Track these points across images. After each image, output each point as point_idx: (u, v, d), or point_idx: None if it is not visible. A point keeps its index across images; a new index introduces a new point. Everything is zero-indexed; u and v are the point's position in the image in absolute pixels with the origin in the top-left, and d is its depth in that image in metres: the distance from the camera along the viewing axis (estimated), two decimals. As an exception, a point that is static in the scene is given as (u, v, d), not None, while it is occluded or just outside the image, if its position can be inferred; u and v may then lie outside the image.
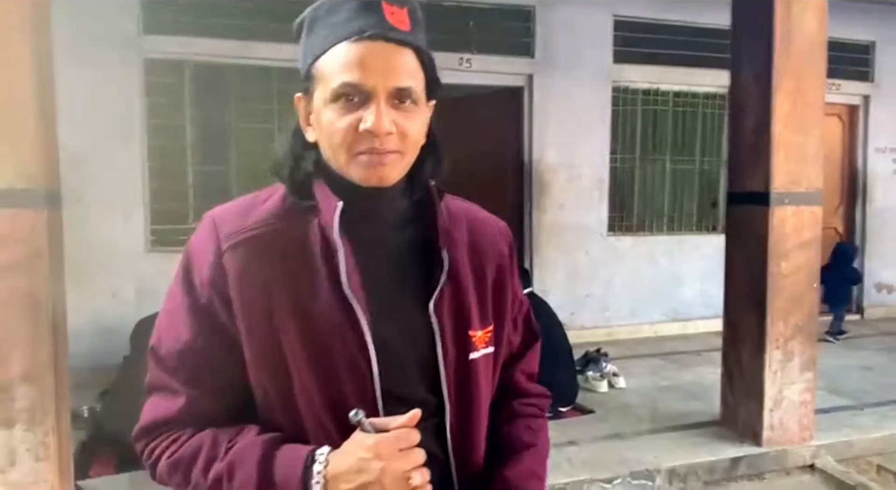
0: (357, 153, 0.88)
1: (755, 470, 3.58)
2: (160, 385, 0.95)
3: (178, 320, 0.93)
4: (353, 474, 0.82)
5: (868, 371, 5.06)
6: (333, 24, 0.87)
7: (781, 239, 3.58)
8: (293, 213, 0.93)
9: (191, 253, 0.94)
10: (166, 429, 0.93)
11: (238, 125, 5.09)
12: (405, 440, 0.83)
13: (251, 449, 0.87)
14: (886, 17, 6.60)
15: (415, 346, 0.94)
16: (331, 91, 0.86)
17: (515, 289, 1.09)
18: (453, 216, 1.01)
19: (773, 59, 3.49)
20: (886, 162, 7.02)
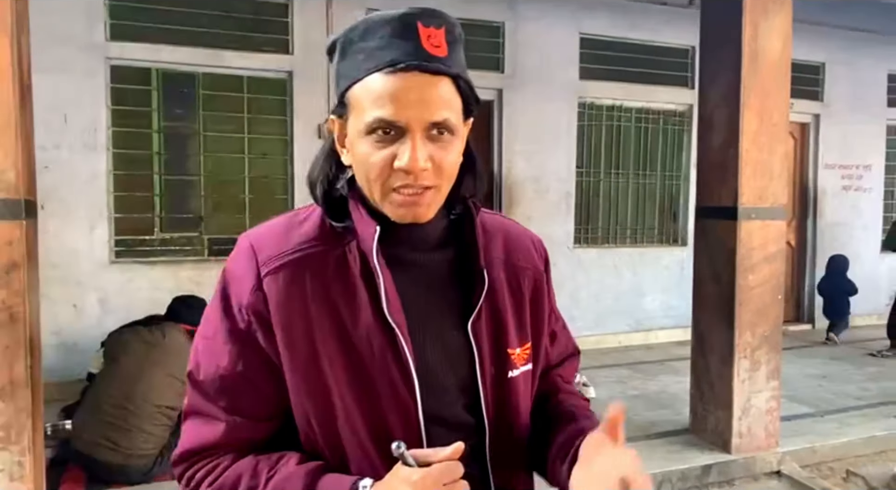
0: (392, 189, 0.85)
1: (725, 477, 3.68)
2: (199, 410, 0.93)
3: (218, 346, 0.91)
4: None
5: (824, 379, 5.27)
6: (368, 50, 0.84)
7: (748, 252, 3.71)
8: (331, 236, 0.91)
9: (228, 278, 0.92)
10: (208, 455, 0.91)
11: (208, 134, 5.01)
12: (449, 474, 0.81)
13: (293, 479, 0.86)
14: (835, 40, 6.94)
15: (454, 367, 0.93)
16: (364, 124, 0.84)
17: (552, 304, 1.09)
18: (489, 232, 1.00)
19: (741, 78, 3.63)
20: (835, 178, 7.35)
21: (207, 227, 5.09)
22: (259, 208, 5.20)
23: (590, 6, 6.01)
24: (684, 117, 6.56)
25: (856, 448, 4.00)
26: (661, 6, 6.20)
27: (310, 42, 5.10)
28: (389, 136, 0.83)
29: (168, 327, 3.48)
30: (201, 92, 4.95)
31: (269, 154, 5.23)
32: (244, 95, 5.06)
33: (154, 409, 3.22)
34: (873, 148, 7.49)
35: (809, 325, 7.30)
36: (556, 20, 5.89)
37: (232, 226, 5.14)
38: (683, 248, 6.53)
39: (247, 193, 5.15)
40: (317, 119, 5.15)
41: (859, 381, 5.24)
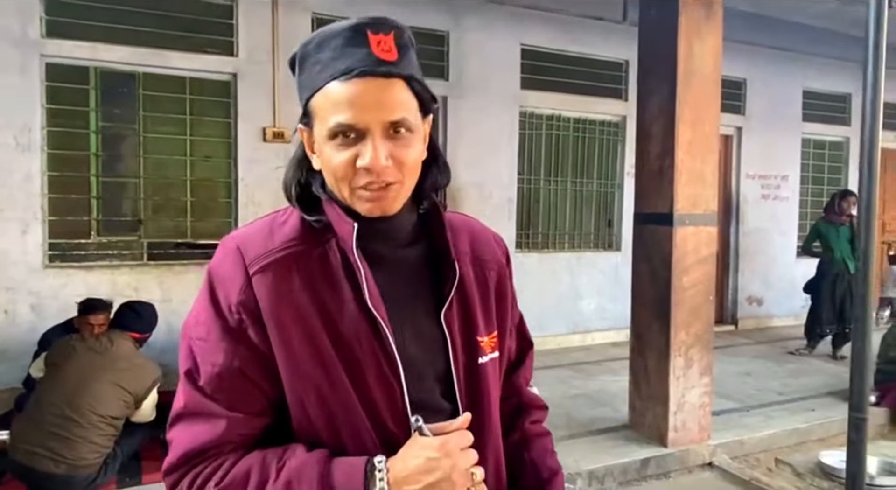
0: (358, 187, 0.92)
1: (662, 469, 3.88)
2: (196, 410, 0.94)
3: (212, 345, 0.93)
4: (421, 475, 0.86)
5: (748, 376, 5.60)
6: (324, 60, 0.89)
7: (683, 256, 3.92)
8: (311, 235, 0.97)
9: (215, 279, 0.95)
10: (210, 455, 0.92)
11: (148, 135, 4.89)
12: (464, 441, 0.90)
13: (307, 466, 0.88)
14: (756, 57, 7.38)
15: (430, 355, 0.99)
16: (327, 130, 0.89)
17: (513, 294, 1.16)
18: (455, 228, 1.07)
19: (677, 92, 3.85)
20: (756, 187, 7.81)
21: (147, 231, 4.97)
22: (201, 211, 5.12)
23: (531, 19, 6.20)
24: (619, 128, 6.84)
25: (780, 439, 4.28)
26: (598, 21, 6.46)
27: (255, 44, 5.07)
28: (350, 139, 0.89)
29: (115, 335, 3.40)
30: (141, 92, 4.84)
31: (213, 157, 5.16)
32: (186, 97, 4.98)
33: (98, 419, 3.13)
34: (790, 159, 8.00)
35: (733, 326, 7.73)
36: (499, 31, 6.05)
37: (173, 229, 5.04)
38: (618, 253, 6.80)
39: (189, 196, 5.06)
40: (262, 122, 5.12)
41: (781, 377, 5.59)
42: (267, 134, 5.12)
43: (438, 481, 0.86)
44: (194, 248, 5.15)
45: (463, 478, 0.88)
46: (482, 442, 1.04)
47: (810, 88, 7.95)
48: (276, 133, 5.13)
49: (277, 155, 5.16)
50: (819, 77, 7.81)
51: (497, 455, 1.09)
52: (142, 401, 3.28)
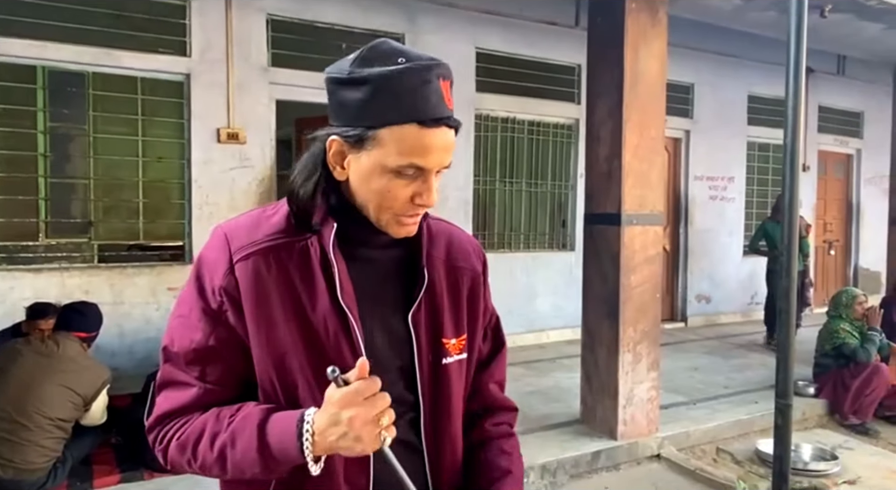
0: (402, 215, 1.02)
1: (612, 462, 4.00)
2: (172, 380, 1.04)
3: (191, 323, 1.03)
4: (332, 426, 0.91)
5: (695, 371, 5.79)
6: (401, 96, 0.94)
7: (631, 255, 4.06)
8: (296, 229, 1.04)
9: (202, 263, 1.05)
10: (178, 415, 1.02)
11: (98, 136, 4.82)
12: (368, 389, 0.91)
13: (250, 418, 0.97)
14: (703, 63, 7.64)
15: (396, 351, 1.07)
16: (396, 165, 0.96)
17: (487, 301, 1.23)
18: (433, 235, 1.14)
19: (624, 96, 3.98)
20: (703, 189, 8.06)
21: (97, 233, 4.90)
22: (154, 213, 5.06)
23: (485, 23, 6.30)
24: (572, 130, 6.99)
25: (724, 431, 4.45)
26: (551, 26, 6.60)
27: (208, 44, 5.04)
28: (411, 175, 0.98)
29: (61, 337, 3.34)
30: (91, 92, 4.77)
31: (165, 158, 5.11)
32: (138, 97, 4.92)
33: (47, 422, 3.09)
34: (736, 161, 8.28)
35: (683, 323, 7.96)
36: (454, 34, 6.13)
37: (124, 231, 4.98)
38: (571, 253, 6.95)
39: (141, 198, 5.00)
40: (216, 123, 5.09)
41: (726, 371, 5.80)
42: (221, 135, 5.09)
43: (346, 432, 0.90)
44: (147, 250, 5.10)
45: (367, 425, 0.90)
46: (441, 438, 1.12)
47: (755, 93, 8.25)
48: (230, 134, 5.11)
49: (232, 156, 5.15)
50: (763, 82, 8.11)
51: (454, 452, 1.16)
52: (91, 403, 3.24)
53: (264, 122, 5.30)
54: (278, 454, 0.94)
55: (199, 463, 0.99)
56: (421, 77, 0.95)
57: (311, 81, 5.48)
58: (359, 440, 0.91)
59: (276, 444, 0.94)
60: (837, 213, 9.57)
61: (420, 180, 0.99)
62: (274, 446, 0.94)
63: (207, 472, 1.00)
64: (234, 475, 0.98)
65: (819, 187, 9.12)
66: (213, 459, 0.97)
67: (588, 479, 3.86)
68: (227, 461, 0.97)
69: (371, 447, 0.92)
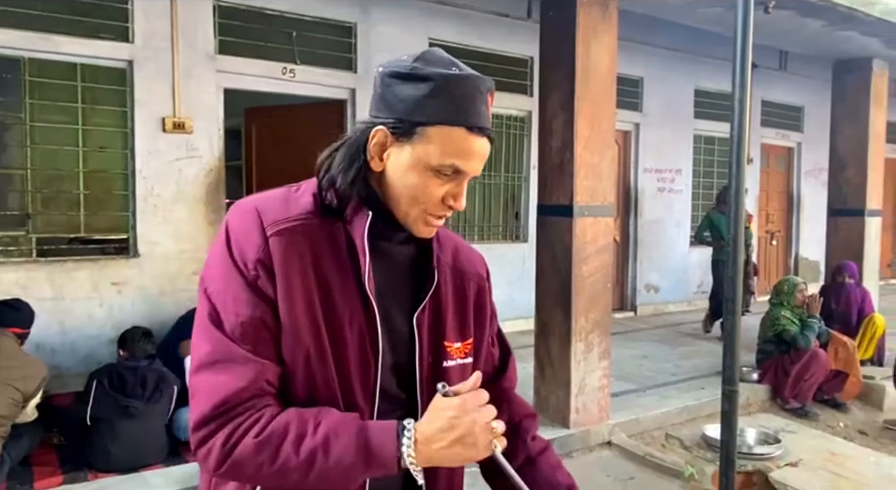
0: (430, 214, 1.04)
1: (565, 449, 4.06)
2: (226, 357, 0.96)
3: (233, 297, 0.98)
4: (445, 432, 0.93)
5: (645, 359, 5.92)
6: (457, 100, 0.99)
7: (582, 246, 4.11)
8: (323, 212, 1.05)
9: (233, 236, 1.01)
10: (247, 405, 0.95)
11: (36, 124, 4.62)
12: (481, 397, 0.97)
13: (345, 425, 0.95)
14: (652, 58, 7.77)
15: (397, 350, 1.07)
16: (438, 164, 1.00)
17: (493, 308, 1.25)
18: (442, 241, 1.16)
19: (575, 89, 4.02)
20: (652, 181, 8.23)
21: (35, 226, 4.70)
22: (96, 205, 4.89)
23: (439, 13, 6.27)
24: (525, 122, 7.03)
25: (672, 417, 4.57)
26: (504, 18, 6.61)
27: (152, 31, 4.87)
28: (448, 176, 1.02)
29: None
30: (28, 78, 4.56)
31: (108, 147, 4.93)
32: (78, 84, 4.72)
33: (-15, 421, 2.98)
34: (683, 154, 8.48)
35: (632, 313, 8.13)
36: (407, 25, 6.08)
37: (64, 224, 4.79)
38: (524, 244, 7.01)
39: (82, 189, 4.82)
40: (161, 112, 4.93)
41: (674, 359, 5.94)
42: (167, 124, 4.94)
43: (462, 436, 0.94)
44: (88, 243, 4.92)
45: (484, 431, 0.95)
46: None
47: (702, 87, 8.45)
48: (176, 123, 4.96)
49: (178, 145, 5.00)
50: (709, 76, 8.31)
51: None
52: (30, 400, 3.14)
53: (212, 112, 5.16)
54: (377, 463, 0.94)
55: (278, 466, 0.93)
56: (476, 87, 1.01)
57: (261, 70, 5.36)
58: (474, 446, 0.94)
59: (377, 452, 0.93)
60: (779, 204, 9.90)
61: (455, 183, 1.03)
62: (375, 455, 0.93)
63: (281, 476, 0.94)
64: (314, 483, 0.94)
65: (762, 179, 9.42)
66: (298, 463, 0.93)
67: (541, 468, 3.91)
68: (315, 467, 0.93)
69: (483, 453, 0.96)
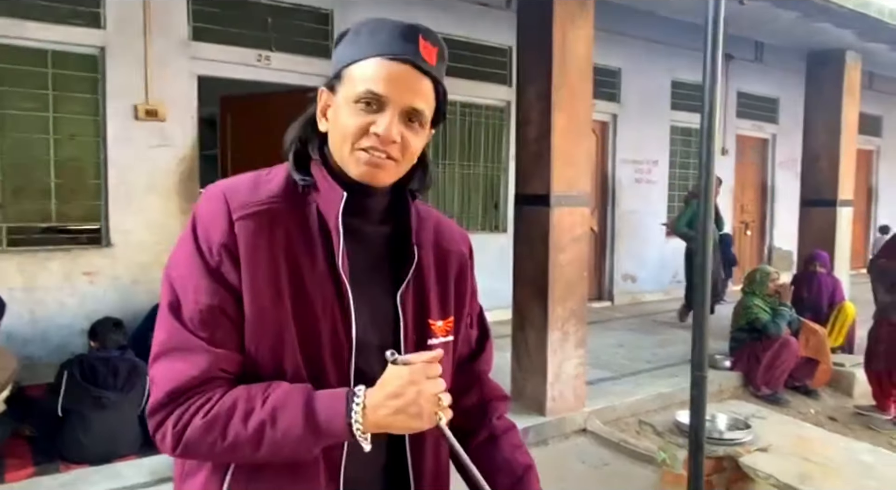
0: (360, 148, 1.00)
1: (541, 437, 4.10)
2: (178, 345, 0.97)
3: (194, 284, 0.98)
4: (391, 400, 0.93)
5: (621, 347, 5.99)
6: (374, 41, 0.99)
7: (559, 235, 4.14)
8: (294, 195, 1.04)
9: (200, 221, 1.01)
10: (196, 391, 0.95)
11: (4, 112, 4.52)
12: (432, 370, 0.96)
13: (292, 395, 0.95)
14: (630, 49, 7.81)
15: (381, 329, 1.06)
16: (355, 94, 0.98)
17: (473, 286, 1.23)
18: (423, 218, 1.14)
19: (552, 79, 4.03)
20: (629, 171, 8.29)
21: (6, 215, 4.61)
22: (68, 193, 4.81)
23: (417, 2, 6.22)
24: (503, 112, 7.04)
25: (646, 404, 4.63)
26: (482, 7, 6.60)
27: (124, 17, 4.79)
28: (371, 108, 0.98)
29: None
30: (-4, 64, 4.47)
31: (79, 135, 4.85)
32: (48, 71, 4.63)
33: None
34: (660, 145, 8.54)
35: (610, 302, 8.20)
36: (384, 13, 5.90)
37: (35, 213, 4.71)
38: (504, 235, 7.02)
39: (52, 178, 4.73)
40: (133, 99, 4.86)
41: (649, 347, 6.02)
42: (139, 112, 4.87)
43: (406, 405, 0.93)
44: (61, 232, 4.84)
45: (429, 402, 0.94)
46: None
47: (678, 79, 8.51)
48: (148, 111, 4.89)
49: (151, 133, 4.93)
50: (686, 68, 8.36)
51: (436, 438, 1.12)
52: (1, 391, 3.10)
53: (185, 99, 5.09)
54: (325, 431, 0.94)
55: (229, 442, 0.94)
56: (397, 26, 0.99)
57: (236, 57, 5.30)
58: (419, 416, 0.94)
59: (325, 420, 0.93)
60: (754, 195, 10.03)
61: (380, 114, 0.99)
62: (322, 423, 0.93)
63: (233, 452, 0.95)
64: (268, 455, 0.95)
65: (737, 170, 9.53)
66: (248, 437, 0.94)
67: (517, 455, 3.95)
68: (265, 439, 0.93)
69: (428, 424, 0.95)
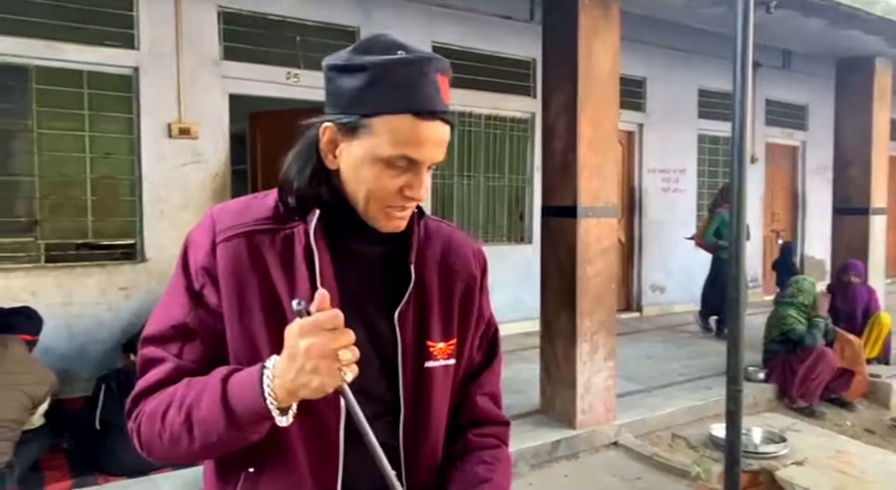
0: (390, 206, 1.00)
1: (571, 450, 4.07)
2: (151, 358, 1.02)
3: (174, 300, 1.03)
4: (289, 361, 0.85)
5: (650, 359, 5.92)
6: (397, 86, 0.93)
7: (586, 247, 4.12)
8: (283, 218, 1.03)
9: (189, 243, 1.05)
10: (152, 391, 1.00)
11: (43, 131, 4.65)
12: (329, 321, 0.84)
13: (215, 374, 0.95)
14: (654, 57, 7.78)
15: (378, 349, 1.04)
16: (388, 155, 0.95)
17: (483, 308, 1.18)
18: (431, 235, 1.12)
19: (578, 90, 4.03)
20: (656, 181, 8.22)
21: (43, 232, 4.73)
22: (103, 210, 4.92)
23: (441, 16, 6.29)
24: (528, 124, 7.04)
25: (679, 417, 4.57)
26: (506, 20, 6.63)
27: (157, 37, 4.91)
28: (402, 167, 0.97)
29: (7, 339, 3.32)
30: (35, 86, 4.59)
31: (114, 153, 4.96)
32: (84, 91, 4.76)
33: (-1, 425, 3.03)
34: (687, 154, 8.47)
35: (638, 313, 8.12)
36: (410, 28, 6.10)
37: (73, 230, 4.83)
38: (529, 246, 7.01)
39: (89, 195, 4.85)
40: (167, 117, 4.97)
41: (681, 359, 5.94)
42: (172, 130, 4.98)
43: (302, 365, 0.84)
44: (96, 248, 4.95)
45: (325, 357, 0.84)
46: (420, 443, 1.09)
47: (705, 87, 8.44)
48: (182, 129, 4.99)
49: (184, 151, 5.03)
50: (713, 76, 8.30)
51: (433, 458, 1.12)
52: (39, 406, 3.19)
53: (217, 117, 5.19)
54: (241, 405, 0.89)
55: (169, 433, 0.94)
56: (419, 69, 0.95)
57: (265, 75, 5.39)
58: (316, 372, 0.84)
59: (238, 393, 0.90)
60: (784, 203, 9.88)
61: (411, 173, 0.98)
62: (236, 396, 0.90)
63: (176, 444, 0.94)
64: (203, 442, 0.92)
65: (767, 178, 9.40)
66: (181, 424, 0.93)
67: (548, 469, 3.92)
68: (194, 423, 0.92)
69: (330, 383, 0.85)
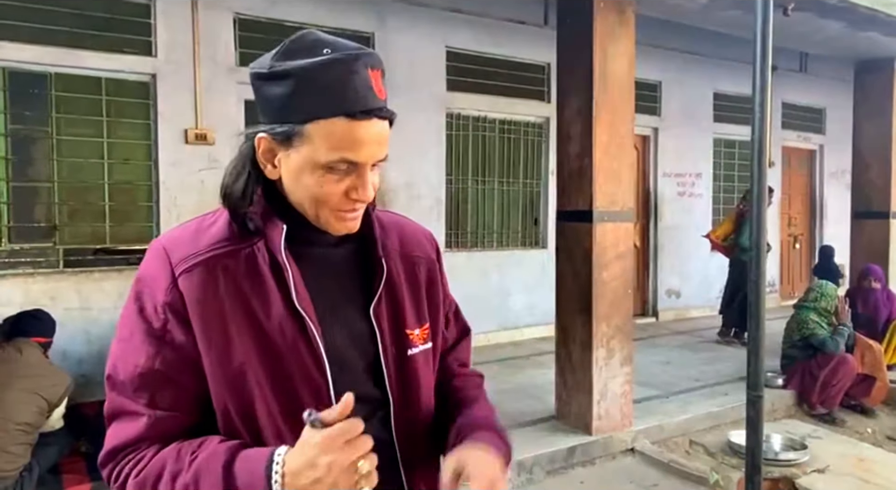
0: (340, 210, 0.97)
1: (587, 456, 4.04)
2: (120, 410, 0.97)
3: (134, 346, 0.96)
4: (308, 470, 0.85)
5: (667, 365, 5.87)
6: (326, 89, 0.90)
7: (602, 251, 4.10)
8: (239, 236, 0.99)
9: (142, 281, 0.99)
10: (131, 449, 0.95)
11: (62, 138, 4.71)
12: (348, 432, 0.86)
13: (214, 457, 0.91)
14: (669, 61, 7.74)
15: (360, 348, 1.04)
16: (326, 161, 0.92)
17: (445, 288, 1.21)
18: (385, 227, 1.12)
19: (593, 95, 4.01)
20: (672, 185, 8.17)
21: (62, 237, 4.78)
22: (121, 216, 4.97)
23: (455, 21, 6.30)
24: (542, 129, 7.03)
25: (696, 423, 4.52)
26: (520, 25, 6.63)
27: (174, 44, 4.96)
28: (343, 170, 0.94)
29: (21, 343, 3.35)
30: (54, 93, 4.66)
31: (132, 159, 5.01)
32: (103, 98, 4.81)
33: (15, 428, 3.06)
34: (703, 158, 8.41)
35: (654, 318, 8.06)
36: (424, 33, 6.12)
37: (91, 235, 4.87)
38: (544, 251, 6.99)
39: (107, 200, 4.90)
40: (183, 123, 5.01)
41: (697, 365, 5.88)
42: (189, 136, 5.02)
43: (321, 477, 0.85)
44: (114, 253, 5.00)
45: (346, 473, 0.86)
46: (413, 433, 1.09)
47: (720, 90, 8.39)
48: (198, 135, 5.04)
49: (201, 157, 5.07)
50: (728, 79, 8.24)
51: (428, 447, 1.13)
52: (55, 408, 3.21)
53: (233, 123, 5.23)
54: None
55: None
56: (347, 68, 0.90)
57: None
58: (335, 486, 0.85)
59: (245, 485, 0.88)
60: (802, 207, 9.78)
61: (354, 175, 0.95)
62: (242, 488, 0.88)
63: None
64: None
65: (784, 182, 9.31)
66: None
67: (564, 475, 3.90)
68: None
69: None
